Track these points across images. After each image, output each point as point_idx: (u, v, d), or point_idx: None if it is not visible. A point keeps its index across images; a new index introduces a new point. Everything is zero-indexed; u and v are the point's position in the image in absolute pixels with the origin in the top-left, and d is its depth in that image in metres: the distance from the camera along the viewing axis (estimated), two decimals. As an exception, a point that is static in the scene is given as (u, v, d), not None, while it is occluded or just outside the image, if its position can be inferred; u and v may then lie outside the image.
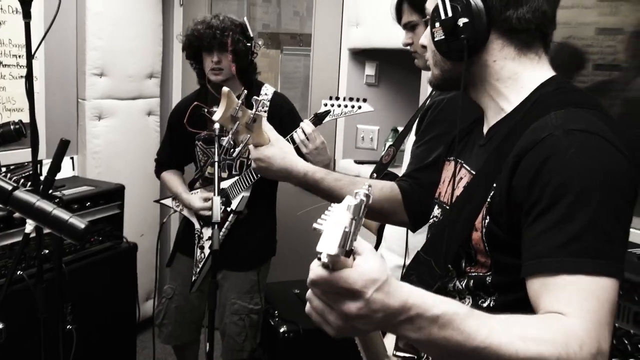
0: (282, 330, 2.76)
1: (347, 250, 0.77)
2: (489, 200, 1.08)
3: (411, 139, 1.95)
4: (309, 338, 2.77)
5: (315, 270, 0.80)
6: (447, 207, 1.26)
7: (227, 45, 2.64)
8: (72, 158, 3.30)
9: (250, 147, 1.58)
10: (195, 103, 2.76)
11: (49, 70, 3.08)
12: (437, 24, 1.15)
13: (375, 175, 2.12)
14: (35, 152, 1.95)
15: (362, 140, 3.59)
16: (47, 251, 2.41)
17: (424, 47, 1.26)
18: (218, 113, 1.50)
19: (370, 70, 3.52)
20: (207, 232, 2.83)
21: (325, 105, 2.32)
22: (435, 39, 1.16)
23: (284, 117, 2.75)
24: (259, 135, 1.56)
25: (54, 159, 1.92)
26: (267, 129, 1.59)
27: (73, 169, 3.31)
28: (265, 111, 2.71)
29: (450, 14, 1.12)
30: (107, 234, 2.94)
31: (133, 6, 3.54)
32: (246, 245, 2.78)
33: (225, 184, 2.77)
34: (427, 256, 1.24)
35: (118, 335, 2.99)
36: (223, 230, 2.75)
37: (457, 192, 1.21)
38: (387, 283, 0.81)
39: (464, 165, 1.25)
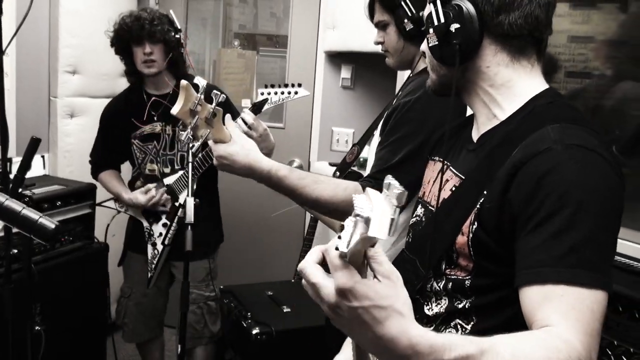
0: (254, 332, 2.74)
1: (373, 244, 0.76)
2: (478, 206, 1.08)
3: (375, 141, 1.96)
4: (281, 340, 2.77)
5: (332, 253, 0.78)
6: (431, 208, 1.27)
7: (156, 35, 2.63)
8: (43, 157, 3.25)
9: (211, 142, 1.56)
10: (154, 99, 2.76)
11: (20, 67, 3.03)
12: (431, 30, 1.16)
13: (338, 174, 2.12)
14: (4, 150, 1.92)
15: (337, 142, 3.60)
16: (15, 251, 2.36)
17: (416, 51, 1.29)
18: (176, 106, 1.48)
19: (346, 73, 3.53)
20: (156, 229, 2.83)
21: (262, 94, 2.34)
22: (430, 45, 1.18)
23: (220, 107, 2.75)
24: (219, 130, 1.54)
25: (24, 157, 1.89)
26: (230, 125, 1.58)
27: (44, 168, 3.26)
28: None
29: (442, 20, 1.13)
30: (77, 234, 2.89)
31: (107, 4, 3.49)
32: (196, 235, 2.78)
33: (170, 180, 2.77)
34: (412, 255, 1.25)
35: (88, 336, 2.95)
36: (174, 225, 2.75)
37: (444, 194, 1.21)
38: (387, 310, 0.78)
39: (450, 167, 1.25)
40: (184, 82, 1.48)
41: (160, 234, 2.81)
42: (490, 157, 1.12)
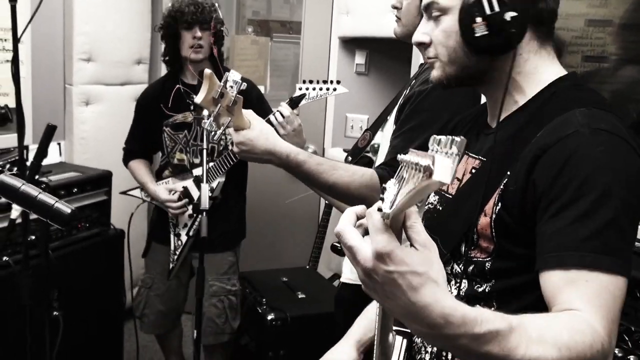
0: (269, 318, 2.76)
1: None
2: (501, 187, 1.07)
3: (388, 127, 1.94)
4: (296, 325, 2.78)
5: (375, 216, 0.78)
6: (448, 195, 1.26)
7: (209, 22, 2.66)
8: (59, 144, 3.28)
9: (231, 130, 1.57)
10: (178, 86, 2.76)
11: (35, 54, 3.04)
12: (479, 19, 1.07)
13: (350, 159, 2.12)
14: (21, 138, 1.93)
15: (351, 129, 3.59)
16: (33, 237, 2.38)
17: (434, 41, 1.21)
18: (200, 95, 1.49)
19: (360, 58, 3.51)
20: (182, 220, 2.84)
21: (300, 89, 2.34)
22: (476, 35, 1.08)
23: (253, 102, 2.75)
24: (240, 118, 1.55)
25: (40, 145, 1.90)
26: (248, 112, 1.59)
27: (60, 155, 3.29)
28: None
29: (497, 8, 1.06)
30: (94, 221, 2.92)
31: (121, -9, 3.50)
32: (221, 228, 2.79)
33: (198, 171, 2.76)
34: (434, 234, 1.25)
35: (105, 322, 2.98)
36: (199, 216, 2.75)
37: (466, 177, 1.20)
38: (423, 277, 0.77)
39: (468, 153, 1.23)
40: (207, 71, 1.49)
41: (186, 225, 2.82)
42: (512, 138, 1.10)
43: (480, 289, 1.12)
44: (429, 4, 1.15)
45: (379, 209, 0.76)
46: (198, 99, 1.50)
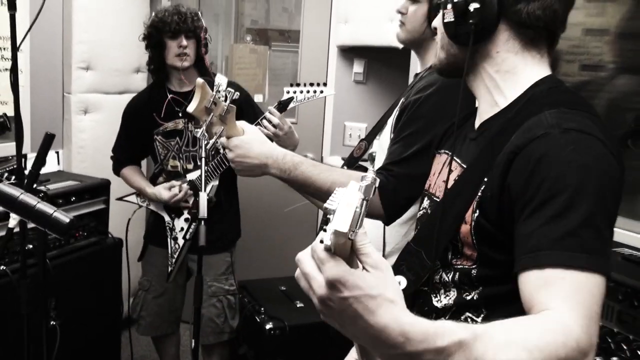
0: (268, 327, 2.75)
1: (353, 233, 0.76)
2: (479, 194, 1.09)
3: (385, 135, 1.96)
4: (295, 335, 2.77)
5: (318, 248, 0.78)
6: (437, 199, 1.27)
7: (194, 30, 2.69)
8: (57, 152, 3.27)
9: (223, 139, 1.57)
10: (170, 97, 2.78)
11: (34, 63, 3.04)
12: (449, 6, 1.15)
13: (346, 168, 2.13)
14: (19, 146, 1.93)
15: (349, 137, 3.59)
16: (31, 246, 2.38)
17: (435, 30, 1.26)
18: (192, 104, 1.48)
19: (358, 67, 3.52)
20: (178, 224, 2.85)
21: (288, 92, 2.38)
22: (445, 20, 1.17)
23: (242, 104, 2.78)
24: (233, 127, 1.55)
25: (38, 153, 1.90)
26: (241, 122, 1.58)
27: (58, 164, 3.28)
28: (222, 100, 2.77)
29: None
30: (92, 229, 2.91)
31: (120, 0, 3.51)
32: (217, 231, 2.79)
33: (192, 175, 2.80)
34: (418, 247, 1.25)
35: (102, 331, 2.97)
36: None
37: (449, 185, 1.21)
38: (378, 300, 0.77)
39: (455, 158, 1.25)
40: (200, 80, 1.49)
41: (182, 229, 2.84)
42: (490, 145, 1.12)
43: (468, 297, 1.13)
44: None
45: (321, 241, 0.77)
46: (190, 108, 1.49)
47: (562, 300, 0.89)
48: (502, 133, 1.10)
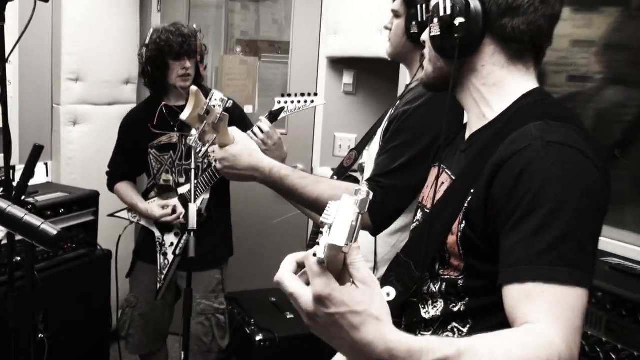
0: (258, 338, 2.74)
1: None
2: (466, 205, 1.09)
3: (374, 146, 1.97)
4: (285, 346, 2.76)
5: (311, 260, 0.79)
6: (427, 210, 1.28)
7: (196, 51, 2.71)
8: (46, 164, 3.26)
9: (216, 147, 1.57)
10: (163, 104, 2.78)
11: (23, 74, 3.04)
12: (435, 20, 1.17)
13: (335, 178, 2.14)
14: (7, 158, 1.91)
15: (339, 148, 3.60)
16: (19, 258, 2.36)
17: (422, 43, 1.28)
18: (186, 112, 1.49)
19: (348, 78, 3.53)
20: (168, 239, 2.83)
21: (279, 102, 2.38)
22: (431, 34, 1.18)
23: (236, 120, 2.79)
24: (225, 135, 1.56)
25: (27, 165, 1.89)
26: (232, 129, 1.59)
27: (47, 175, 3.27)
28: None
29: (448, 11, 1.14)
30: (80, 241, 2.90)
31: (110, 11, 3.51)
32: (207, 245, 2.78)
33: (183, 189, 2.78)
34: (407, 258, 1.25)
35: (91, 344, 2.95)
36: (185, 235, 2.74)
37: (438, 196, 1.22)
38: (362, 316, 0.78)
39: (445, 170, 1.26)
40: (193, 87, 1.50)
41: (172, 244, 2.81)
42: (477, 157, 1.13)
43: (455, 308, 1.13)
44: None
45: (314, 254, 0.78)
46: (184, 115, 1.50)
47: (544, 314, 0.91)
48: (489, 145, 1.11)
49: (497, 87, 1.17)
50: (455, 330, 1.13)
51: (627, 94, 2.26)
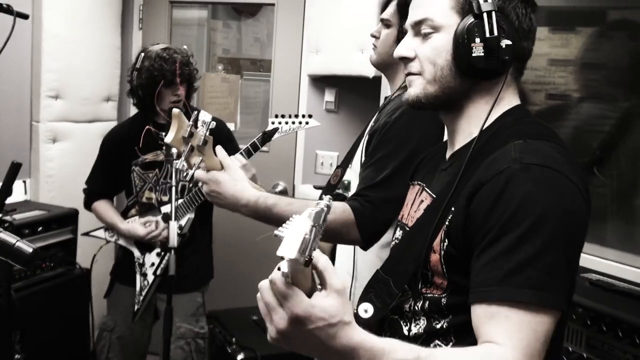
0: (239, 357, 2.71)
1: (307, 260, 0.78)
2: (447, 223, 1.10)
3: (356, 162, 1.97)
4: (266, 365, 2.74)
5: (278, 280, 0.83)
6: (407, 229, 1.27)
7: (192, 78, 2.73)
8: (24, 182, 3.22)
9: (200, 171, 1.56)
10: (148, 127, 2.74)
11: (1, 91, 3.01)
12: (478, 40, 1.12)
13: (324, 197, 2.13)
14: (-16, 175, 1.89)
15: (321, 165, 3.60)
16: (-5, 277, 2.33)
17: (407, 58, 1.23)
18: (170, 135, 1.49)
19: (329, 96, 3.55)
20: (149, 259, 2.78)
21: (273, 123, 2.37)
22: (473, 55, 1.12)
23: (224, 141, 2.76)
24: (211, 158, 1.55)
25: (4, 182, 1.87)
26: (221, 154, 1.58)
27: (25, 193, 3.22)
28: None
29: (496, 33, 1.11)
30: (59, 260, 2.85)
31: (91, 29, 3.50)
32: (189, 265, 2.75)
33: (167, 208, 2.73)
34: (386, 275, 1.25)
35: (69, 364, 2.90)
36: (167, 255, 2.71)
37: (418, 214, 1.22)
38: (337, 326, 0.84)
39: (425, 188, 1.26)
40: (175, 110, 1.49)
41: (153, 264, 2.76)
42: (458, 175, 1.13)
43: (438, 325, 1.13)
44: (422, 20, 1.17)
45: (279, 268, 0.81)
46: (168, 138, 1.49)
47: (506, 336, 0.93)
48: (470, 163, 1.11)
49: (498, 107, 1.17)
50: (438, 347, 1.13)
51: (602, 105, 2.30)
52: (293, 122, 2.36)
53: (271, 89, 3.78)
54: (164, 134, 2.67)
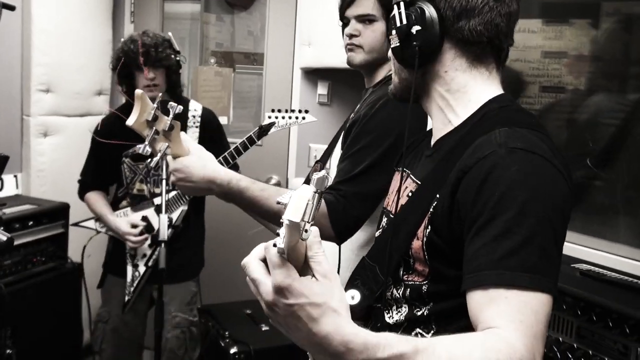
0: (232, 351, 2.70)
1: (305, 231, 0.77)
2: (431, 210, 1.09)
3: (335, 154, 1.94)
4: (260, 359, 2.73)
5: (271, 251, 0.80)
6: (392, 216, 1.27)
7: (161, 61, 2.67)
8: (15, 176, 3.20)
9: (169, 158, 1.52)
10: (112, 111, 2.77)
11: (-8, 85, 2.99)
12: (394, 31, 1.16)
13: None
14: (-28, 168, 1.88)
15: (314, 158, 3.59)
16: (-15, 272, 2.32)
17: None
18: (132, 117, 1.43)
19: (322, 89, 3.53)
20: (141, 250, 2.78)
21: (270, 117, 2.36)
22: (392, 46, 1.18)
23: (215, 132, 2.82)
24: (178, 145, 1.50)
25: (-9, 175, 1.86)
26: (186, 138, 1.54)
27: (17, 188, 3.21)
28: (196, 126, 2.77)
29: (405, 21, 1.14)
30: (50, 254, 2.84)
31: (82, 22, 3.48)
32: (183, 256, 2.75)
33: (159, 200, 2.72)
34: (372, 262, 1.25)
35: (62, 359, 2.89)
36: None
37: (402, 201, 1.21)
38: (321, 308, 0.80)
39: (410, 175, 1.26)
40: (138, 91, 1.44)
41: (145, 255, 2.77)
42: (443, 162, 1.13)
43: (419, 313, 1.12)
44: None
45: (274, 245, 0.79)
46: (129, 121, 1.44)
47: (506, 319, 0.90)
48: (454, 150, 1.11)
49: (460, 93, 1.17)
50: (419, 335, 1.12)
51: (614, 98, 2.28)
52: (290, 117, 2.37)
53: (264, 82, 3.77)
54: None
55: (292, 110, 2.38)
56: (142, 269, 2.76)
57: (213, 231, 3.15)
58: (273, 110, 2.37)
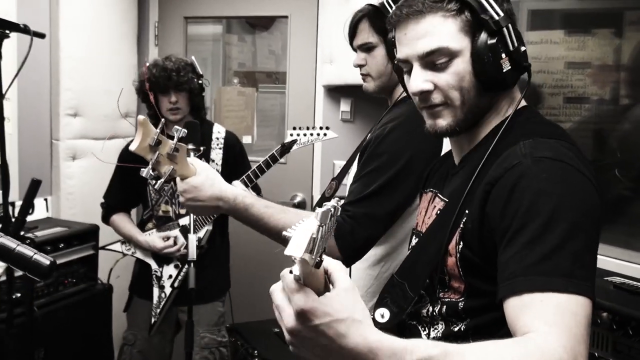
0: (261, 370, 2.70)
1: (317, 262, 0.78)
2: (461, 226, 1.09)
3: (352, 173, 1.93)
4: (289, 378, 2.72)
5: (287, 278, 0.80)
6: (421, 234, 1.27)
7: (183, 85, 2.70)
8: (45, 199, 3.25)
9: (177, 180, 1.53)
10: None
11: (21, 111, 3.05)
12: (504, 55, 1.10)
13: (317, 208, 2.10)
14: (6, 194, 1.92)
15: (339, 175, 3.59)
16: (18, 295, 2.35)
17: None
18: (134, 143, 1.44)
19: (345, 106, 3.55)
20: (167, 271, 2.79)
21: (291, 135, 2.38)
22: (504, 70, 1.11)
23: (237, 156, 2.83)
24: (184, 166, 1.51)
25: (24, 199, 1.89)
26: (193, 159, 1.55)
27: (47, 211, 3.26)
28: (220, 147, 2.79)
29: (516, 43, 1.11)
30: (81, 276, 2.87)
31: (108, 47, 3.55)
32: (208, 276, 2.75)
33: (185, 220, 2.75)
34: (401, 279, 1.24)
35: (93, 380, 2.91)
36: (185, 267, 2.72)
37: (431, 220, 1.21)
38: (347, 322, 0.80)
39: (438, 194, 1.26)
40: (140, 117, 1.46)
41: (170, 276, 2.78)
42: (470, 177, 1.12)
43: (456, 329, 1.12)
44: (436, 50, 1.12)
45: (291, 271, 0.79)
46: (132, 146, 1.45)
47: (542, 321, 0.88)
48: (481, 165, 1.11)
49: (511, 108, 1.18)
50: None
51: None
52: (311, 134, 2.38)
53: (287, 100, 3.79)
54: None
55: (314, 127, 2.39)
56: (168, 290, 2.77)
57: (240, 249, 3.16)
58: (295, 128, 2.39)
